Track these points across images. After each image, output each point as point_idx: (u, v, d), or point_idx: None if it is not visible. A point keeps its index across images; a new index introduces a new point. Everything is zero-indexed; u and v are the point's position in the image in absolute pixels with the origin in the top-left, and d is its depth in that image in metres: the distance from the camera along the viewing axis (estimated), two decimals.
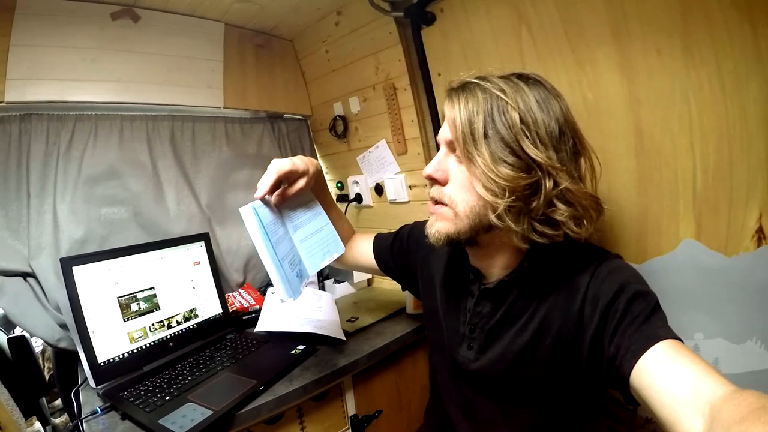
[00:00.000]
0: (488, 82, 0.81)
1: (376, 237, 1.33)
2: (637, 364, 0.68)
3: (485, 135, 0.78)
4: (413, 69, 1.64)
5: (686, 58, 0.95)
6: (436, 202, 0.89)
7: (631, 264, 0.86)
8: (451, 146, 0.86)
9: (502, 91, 0.79)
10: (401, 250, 1.25)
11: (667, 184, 1.03)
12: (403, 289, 1.44)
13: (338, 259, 1.28)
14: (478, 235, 0.86)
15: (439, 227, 0.88)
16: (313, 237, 1.05)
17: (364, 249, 1.33)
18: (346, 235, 1.35)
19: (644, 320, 0.72)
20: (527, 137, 0.76)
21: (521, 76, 0.83)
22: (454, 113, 0.82)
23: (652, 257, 1.09)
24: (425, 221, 1.17)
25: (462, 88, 0.83)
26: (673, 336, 0.69)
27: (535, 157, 0.75)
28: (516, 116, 0.76)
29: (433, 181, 0.89)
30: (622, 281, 0.77)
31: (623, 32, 1.03)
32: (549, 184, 0.76)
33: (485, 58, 1.36)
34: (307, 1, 1.67)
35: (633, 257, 1.10)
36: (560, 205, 0.78)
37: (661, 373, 0.64)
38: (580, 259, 0.85)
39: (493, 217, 0.79)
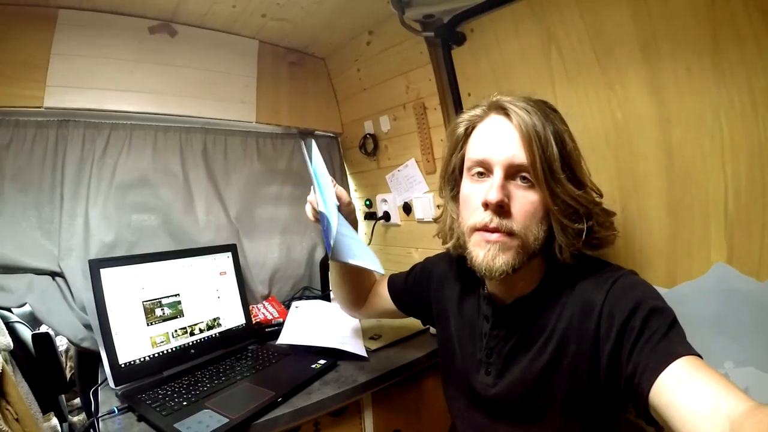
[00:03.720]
0: (536, 108, 0.81)
1: (389, 278, 1.31)
2: (656, 381, 0.66)
3: (562, 159, 0.79)
4: (443, 89, 1.65)
5: (717, 76, 0.93)
6: (496, 230, 0.81)
7: (659, 288, 0.83)
8: (511, 170, 0.81)
9: (555, 117, 0.82)
10: (416, 285, 1.23)
11: (697, 205, 1.01)
12: (424, 324, 1.44)
13: (363, 311, 1.36)
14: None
15: (506, 259, 0.80)
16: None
17: (381, 292, 1.31)
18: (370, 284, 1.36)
19: (662, 337, 0.70)
20: (582, 160, 0.79)
21: (545, 103, 0.86)
22: (519, 136, 0.79)
23: (682, 281, 1.06)
24: (436, 256, 1.20)
25: (523, 111, 0.80)
26: (691, 352, 0.68)
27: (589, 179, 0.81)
28: (571, 142, 0.80)
29: (499, 209, 0.80)
30: (637, 297, 0.76)
31: (653, 51, 1.03)
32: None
33: (515, 78, 1.37)
34: (339, 21, 1.71)
35: (662, 281, 1.07)
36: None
37: (680, 390, 0.63)
38: (595, 276, 0.84)
39: (560, 240, 0.82)
